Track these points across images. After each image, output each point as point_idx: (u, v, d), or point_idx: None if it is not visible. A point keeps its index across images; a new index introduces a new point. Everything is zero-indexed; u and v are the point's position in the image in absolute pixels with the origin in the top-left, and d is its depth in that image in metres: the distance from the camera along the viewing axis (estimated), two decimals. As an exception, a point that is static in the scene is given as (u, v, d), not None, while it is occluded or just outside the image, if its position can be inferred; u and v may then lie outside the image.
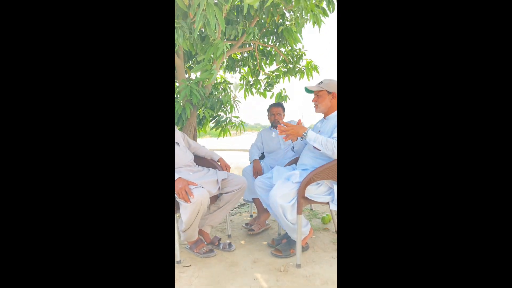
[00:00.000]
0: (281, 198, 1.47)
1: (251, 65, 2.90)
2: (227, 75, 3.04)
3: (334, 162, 1.47)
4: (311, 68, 2.81)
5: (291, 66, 2.81)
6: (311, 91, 1.69)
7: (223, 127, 2.66)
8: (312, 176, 1.47)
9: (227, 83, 2.99)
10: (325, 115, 1.70)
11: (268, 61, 2.81)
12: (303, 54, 2.79)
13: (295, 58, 2.79)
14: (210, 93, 2.57)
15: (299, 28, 2.26)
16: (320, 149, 1.49)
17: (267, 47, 2.73)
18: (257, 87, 2.99)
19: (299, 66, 2.81)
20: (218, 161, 1.98)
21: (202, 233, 1.79)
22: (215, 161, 1.98)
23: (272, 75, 2.92)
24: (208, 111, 2.44)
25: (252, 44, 2.51)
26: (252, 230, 1.96)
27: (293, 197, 1.48)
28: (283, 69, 2.88)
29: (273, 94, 2.92)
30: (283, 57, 2.72)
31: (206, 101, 2.45)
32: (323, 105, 1.65)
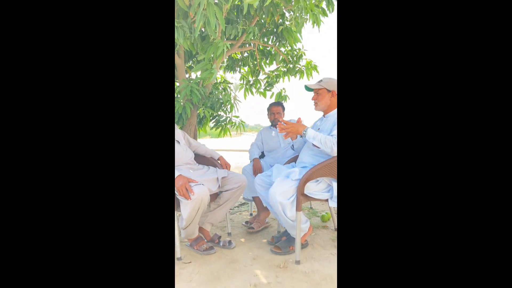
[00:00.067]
0: (281, 195, 1.48)
1: (251, 64, 2.91)
2: (228, 76, 3.07)
3: (333, 159, 1.49)
4: (311, 68, 2.83)
5: (291, 65, 2.83)
6: (311, 89, 1.70)
7: (223, 126, 2.68)
8: (311, 173, 1.48)
9: (227, 82, 3.01)
10: (325, 113, 1.71)
11: (268, 60, 2.83)
12: (303, 54, 2.81)
13: (295, 58, 2.81)
14: (210, 93, 2.58)
15: (298, 28, 2.28)
16: (319, 147, 1.50)
17: (267, 47, 2.75)
18: (257, 87, 3.01)
19: (299, 66, 2.83)
20: (218, 159, 1.99)
21: (202, 230, 1.80)
22: (215, 160, 1.99)
23: (272, 75, 2.94)
24: (208, 110, 2.45)
25: (252, 43, 2.52)
26: (252, 228, 1.97)
27: (293, 194, 1.49)
28: (283, 68, 2.90)
29: (273, 93, 2.94)
30: (283, 57, 2.73)
31: (206, 101, 2.47)
32: (322, 103, 1.66)
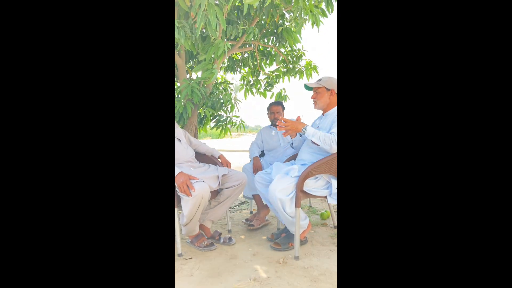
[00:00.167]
0: (280, 191, 1.50)
1: (251, 65, 2.94)
2: (228, 77, 3.10)
3: (331, 157, 1.51)
4: (311, 68, 2.85)
5: (290, 66, 2.86)
6: (310, 88, 1.73)
7: (224, 126, 2.70)
8: (310, 171, 1.50)
9: (227, 83, 3.03)
10: (324, 112, 1.74)
11: (268, 61, 2.85)
12: (302, 54, 2.84)
13: (294, 59, 2.84)
14: (211, 93, 2.61)
15: (298, 29, 2.31)
16: (319, 144, 1.53)
17: (267, 48, 2.78)
18: (257, 87, 3.04)
19: (298, 66, 2.86)
20: (218, 157, 2.02)
21: (203, 227, 1.82)
22: (215, 158, 2.02)
23: (272, 75, 2.97)
24: (209, 110, 2.48)
25: (252, 44, 2.55)
26: (252, 225, 1.99)
27: (292, 191, 1.52)
28: (283, 69, 2.92)
29: (273, 94, 2.97)
30: (283, 57, 2.76)
31: (207, 100, 2.49)
32: (322, 101, 1.69)
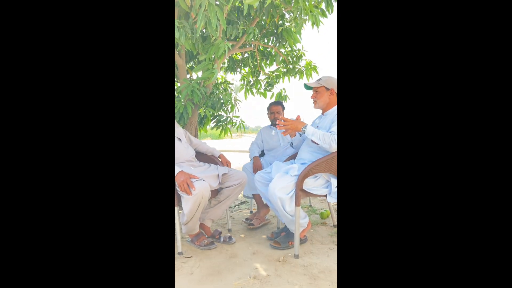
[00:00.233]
0: (280, 190, 1.51)
1: (252, 65, 2.95)
2: (229, 77, 3.10)
3: (331, 156, 1.52)
4: (311, 68, 2.86)
5: (290, 66, 2.87)
6: (310, 87, 1.74)
7: (224, 126, 2.71)
8: (309, 169, 1.51)
9: (228, 83, 3.05)
10: (323, 111, 1.75)
11: (268, 61, 2.86)
12: (302, 54, 2.85)
13: (294, 59, 2.84)
14: (211, 93, 2.62)
15: (298, 29, 2.32)
16: (318, 143, 1.54)
17: (267, 48, 2.79)
18: (257, 87, 3.05)
19: (298, 67, 2.87)
20: (218, 157, 2.02)
21: (203, 226, 1.83)
22: (216, 157, 2.02)
23: (272, 75, 2.98)
24: (209, 110, 2.49)
25: (252, 44, 2.57)
26: (252, 224, 2.00)
27: (292, 189, 1.52)
28: (283, 69, 2.93)
29: (273, 94, 2.98)
30: (283, 58, 2.77)
31: (207, 100, 2.50)
32: (321, 101, 1.70)
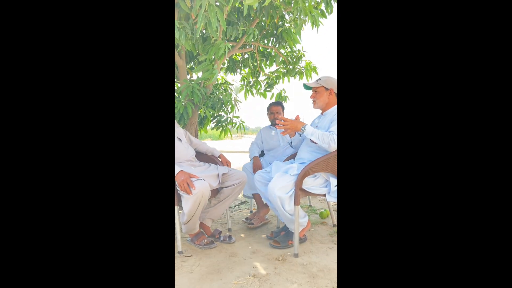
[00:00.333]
0: (280, 189, 1.52)
1: (252, 66, 2.97)
2: (228, 78, 3.11)
3: (330, 155, 1.53)
4: (310, 69, 2.87)
5: (290, 67, 2.88)
6: (309, 87, 1.75)
7: (224, 127, 2.72)
8: (308, 169, 1.52)
9: (228, 83, 3.06)
10: (323, 111, 1.76)
11: (268, 62, 2.88)
12: (302, 55, 2.86)
13: (294, 59, 2.86)
14: (211, 93, 2.63)
15: (297, 30, 2.33)
16: (317, 143, 1.55)
17: (267, 49, 2.80)
18: (257, 88, 3.06)
19: (298, 67, 2.88)
20: (218, 157, 2.03)
21: (203, 226, 1.84)
22: (216, 157, 2.03)
23: (272, 76, 2.99)
24: (209, 110, 2.50)
25: (252, 45, 2.58)
26: (251, 224, 2.01)
27: (291, 189, 1.53)
28: (283, 70, 2.95)
29: (273, 94, 2.99)
30: (282, 58, 2.79)
31: (207, 101, 2.52)
32: (321, 101, 1.71)
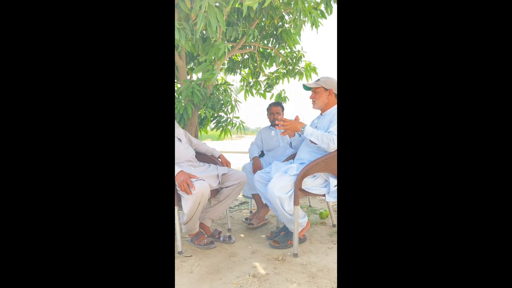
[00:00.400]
0: (279, 190, 1.52)
1: (251, 66, 2.97)
2: (228, 79, 3.12)
3: (329, 155, 1.53)
4: (310, 69, 2.88)
5: (290, 67, 2.89)
6: (309, 88, 1.76)
7: (224, 127, 2.73)
8: (308, 169, 1.52)
9: (227, 84, 3.06)
10: (322, 111, 1.76)
11: (268, 62, 2.88)
12: (302, 55, 2.87)
13: (294, 60, 2.86)
14: (211, 94, 2.64)
15: (297, 30, 2.34)
16: (317, 143, 1.55)
17: (267, 49, 2.81)
18: (257, 88, 3.06)
19: (298, 68, 2.88)
20: (218, 157, 2.04)
21: (203, 226, 1.84)
22: (215, 158, 2.04)
23: (271, 77, 2.99)
24: (209, 111, 2.50)
25: (252, 46, 2.59)
26: (251, 224, 2.01)
27: (291, 189, 1.54)
28: (283, 70, 2.95)
29: (272, 95, 3.00)
30: (282, 59, 2.79)
31: (207, 101, 2.52)
32: (320, 101, 1.72)
